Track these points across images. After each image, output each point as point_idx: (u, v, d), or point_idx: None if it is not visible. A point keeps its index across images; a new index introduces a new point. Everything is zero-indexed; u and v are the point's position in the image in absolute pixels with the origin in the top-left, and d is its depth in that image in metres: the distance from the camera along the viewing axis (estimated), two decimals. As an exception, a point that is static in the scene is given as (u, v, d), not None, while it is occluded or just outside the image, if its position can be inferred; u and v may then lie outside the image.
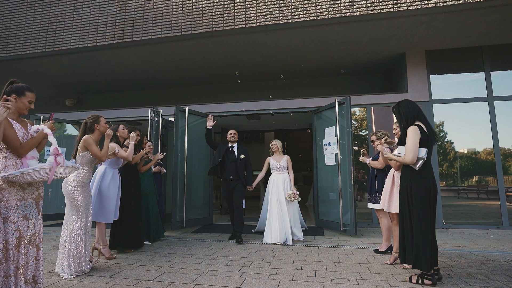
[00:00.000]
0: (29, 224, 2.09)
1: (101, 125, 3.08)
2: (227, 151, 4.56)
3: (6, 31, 6.29)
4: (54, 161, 2.06)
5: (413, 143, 2.55)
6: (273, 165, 4.73)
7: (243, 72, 6.72)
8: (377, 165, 3.67)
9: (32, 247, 2.10)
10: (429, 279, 2.52)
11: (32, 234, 2.10)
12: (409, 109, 2.70)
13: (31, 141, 2.11)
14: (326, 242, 4.33)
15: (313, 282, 2.65)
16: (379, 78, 7.19)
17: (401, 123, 2.74)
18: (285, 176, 4.65)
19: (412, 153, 2.54)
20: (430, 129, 2.66)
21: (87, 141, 2.94)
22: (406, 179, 2.66)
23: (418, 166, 2.58)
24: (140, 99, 8.21)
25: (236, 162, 4.50)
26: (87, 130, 3.06)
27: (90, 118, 3.09)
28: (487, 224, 5.33)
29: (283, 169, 4.69)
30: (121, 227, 3.65)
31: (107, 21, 5.80)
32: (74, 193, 2.88)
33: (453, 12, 4.63)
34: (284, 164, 4.71)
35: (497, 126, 5.46)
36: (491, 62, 5.67)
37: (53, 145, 2.06)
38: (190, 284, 2.59)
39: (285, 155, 4.80)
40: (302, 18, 4.97)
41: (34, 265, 2.12)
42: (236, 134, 4.68)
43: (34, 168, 1.99)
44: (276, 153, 4.81)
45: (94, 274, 2.87)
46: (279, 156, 4.79)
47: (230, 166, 4.47)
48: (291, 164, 4.76)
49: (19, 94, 2.14)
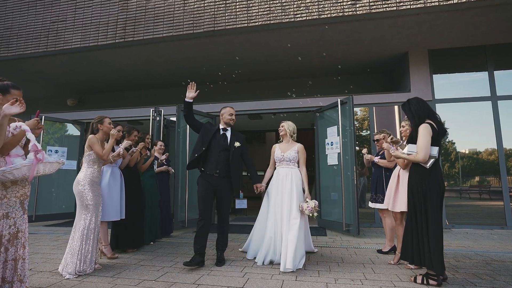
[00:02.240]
0: (10, 222, 2.07)
1: (104, 125, 3.14)
2: (216, 135, 3.31)
3: (7, 30, 6.28)
4: (34, 158, 2.04)
5: (426, 141, 2.52)
6: (277, 155, 3.51)
7: (245, 71, 6.70)
8: (386, 164, 3.64)
9: (12, 246, 2.08)
10: (434, 280, 2.49)
11: (13, 233, 2.09)
12: (420, 107, 2.68)
13: (11, 139, 2.10)
14: (329, 242, 4.30)
15: (316, 282, 2.62)
16: (381, 78, 7.17)
17: (412, 120, 2.70)
18: (294, 172, 3.39)
19: (425, 151, 2.51)
20: (440, 127, 2.63)
21: (90, 140, 3.02)
22: (416, 177, 2.61)
23: (429, 165, 2.55)
24: (141, 98, 8.20)
25: (228, 151, 3.27)
26: (93, 130, 3.15)
27: (95, 119, 3.18)
28: (490, 224, 5.30)
29: (290, 163, 3.44)
30: (121, 227, 3.64)
31: (108, 20, 5.79)
32: (84, 191, 2.92)
33: (456, 11, 4.60)
34: (293, 156, 3.43)
35: (500, 126, 5.43)
36: (495, 61, 5.64)
37: (31, 142, 2.04)
38: (193, 284, 2.57)
39: (297, 143, 3.56)
40: (305, 17, 4.94)
41: (20, 263, 2.11)
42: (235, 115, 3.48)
43: (14, 167, 1.98)
44: (284, 139, 3.61)
45: (96, 274, 2.85)
46: (287, 144, 3.55)
47: (219, 156, 3.22)
48: (304, 156, 3.47)
49: (4, 92, 2.13)
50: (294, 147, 3.49)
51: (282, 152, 3.48)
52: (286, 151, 3.47)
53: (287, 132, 3.55)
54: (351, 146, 4.75)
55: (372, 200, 3.74)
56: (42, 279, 2.69)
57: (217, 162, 3.20)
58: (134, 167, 3.91)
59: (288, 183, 3.31)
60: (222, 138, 3.31)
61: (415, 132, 2.64)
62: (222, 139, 3.31)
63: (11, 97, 2.13)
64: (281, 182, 3.35)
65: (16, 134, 2.12)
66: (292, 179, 3.33)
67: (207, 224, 3.10)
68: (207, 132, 3.31)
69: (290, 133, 3.56)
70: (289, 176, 3.34)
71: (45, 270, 2.96)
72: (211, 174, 3.19)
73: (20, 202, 2.14)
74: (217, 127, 3.38)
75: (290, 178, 3.33)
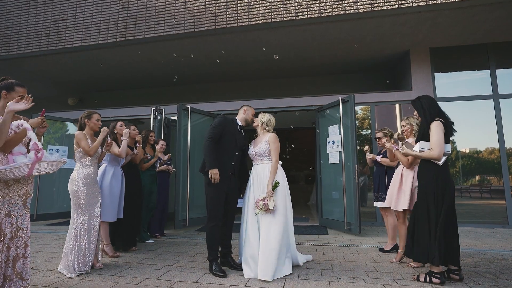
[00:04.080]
0: (12, 221, 2.08)
1: (92, 121, 3.06)
2: (236, 130, 3.05)
3: (8, 29, 6.28)
4: (34, 156, 2.04)
5: (440, 137, 2.51)
6: (249, 151, 3.11)
7: (246, 70, 6.69)
8: (389, 163, 3.63)
9: (13, 245, 2.09)
10: (437, 278, 2.48)
11: (14, 231, 2.09)
12: (432, 104, 2.67)
13: (14, 137, 2.10)
14: (331, 241, 4.30)
15: (319, 281, 2.62)
16: (382, 76, 7.14)
17: (424, 117, 2.66)
18: (269, 167, 2.95)
19: (440, 148, 2.49)
20: (450, 125, 2.62)
21: (77, 136, 2.95)
22: (429, 176, 2.57)
23: (442, 162, 2.53)
24: (142, 97, 8.19)
25: (243, 152, 3.12)
26: (81, 125, 3.07)
27: (84, 114, 3.09)
28: (492, 223, 5.28)
29: (264, 157, 2.99)
30: (122, 226, 3.63)
31: (109, 19, 5.78)
32: (77, 190, 2.87)
33: (458, 9, 4.58)
34: (263, 149, 2.97)
35: (502, 124, 5.41)
36: (497, 59, 5.62)
37: (32, 141, 2.05)
38: (195, 283, 2.56)
39: (269, 133, 3.09)
40: (306, 15, 4.93)
41: (22, 261, 2.12)
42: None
43: (15, 165, 1.98)
44: (258, 132, 3.17)
45: (98, 272, 2.85)
46: (259, 137, 3.13)
47: (237, 155, 3.01)
48: (275, 145, 2.95)
49: (9, 90, 2.15)
50: (265, 138, 3.03)
51: (253, 147, 3.06)
52: (257, 145, 3.05)
53: (259, 123, 3.12)
54: (353, 145, 4.74)
55: (375, 199, 3.73)
56: (44, 278, 2.68)
57: (235, 162, 3.00)
58: (135, 166, 3.89)
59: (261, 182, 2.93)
60: (240, 137, 3.07)
61: (426, 129, 2.61)
62: (240, 138, 3.07)
63: (16, 94, 2.14)
64: (260, 180, 2.95)
65: (18, 132, 2.12)
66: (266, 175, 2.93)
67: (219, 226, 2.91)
68: (227, 125, 2.98)
69: (262, 125, 3.10)
70: (267, 174, 2.92)
71: (47, 269, 2.95)
72: (227, 175, 2.93)
73: (23, 201, 2.14)
74: (235, 121, 3.10)
75: (267, 177, 2.91)
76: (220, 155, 2.90)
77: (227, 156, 2.95)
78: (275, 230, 2.76)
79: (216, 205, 2.89)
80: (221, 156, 2.91)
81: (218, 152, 2.91)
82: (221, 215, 2.92)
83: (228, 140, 2.97)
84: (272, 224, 2.77)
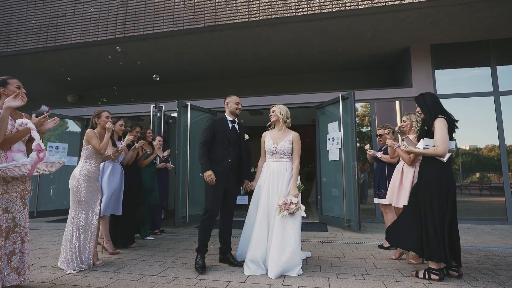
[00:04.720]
0: (9, 217, 2.09)
1: (101, 119, 3.13)
2: (226, 128, 3.02)
3: (7, 26, 6.25)
4: (36, 157, 2.04)
5: (444, 134, 2.50)
6: (268, 146, 2.95)
7: (246, 66, 6.66)
8: (389, 159, 3.62)
9: (10, 240, 2.10)
10: (436, 274, 2.49)
11: (12, 227, 2.10)
12: (435, 101, 2.65)
13: (15, 135, 2.10)
14: (330, 237, 4.30)
15: (318, 277, 2.62)
16: (382, 73, 7.12)
17: (428, 113, 2.64)
18: (289, 167, 2.88)
19: (445, 144, 2.49)
20: (453, 122, 2.61)
21: (88, 134, 3.01)
22: (433, 173, 2.56)
23: (446, 159, 2.53)
24: (142, 94, 8.15)
25: (240, 146, 3.06)
26: (92, 125, 3.15)
27: (94, 113, 3.18)
28: (491, 219, 5.30)
29: (284, 156, 2.89)
30: (121, 223, 3.64)
31: (108, 15, 5.75)
32: (78, 186, 2.88)
33: (459, 5, 4.56)
34: (287, 148, 2.88)
35: (502, 121, 5.40)
36: (497, 56, 5.60)
37: (35, 141, 2.05)
38: (195, 279, 2.57)
39: (292, 131, 2.97)
40: (306, 11, 4.90)
41: (19, 257, 2.14)
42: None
43: (15, 164, 1.99)
44: (276, 126, 3.01)
45: (98, 269, 2.86)
46: (280, 132, 2.96)
47: (233, 151, 2.99)
48: (299, 146, 2.90)
49: (4, 85, 2.16)
50: (288, 136, 2.91)
51: (274, 143, 2.91)
52: (279, 142, 2.90)
53: (279, 117, 2.93)
54: (352, 142, 4.73)
55: (375, 195, 3.74)
56: (44, 274, 2.69)
57: (232, 158, 2.97)
58: (135, 163, 3.89)
59: (285, 182, 2.81)
60: (233, 132, 3.03)
61: (430, 126, 2.61)
62: (233, 133, 3.02)
63: (11, 87, 2.15)
64: (275, 180, 2.84)
65: (20, 130, 2.13)
66: (289, 177, 2.85)
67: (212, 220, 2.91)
68: (217, 125, 2.99)
69: (283, 118, 2.93)
70: (285, 173, 2.84)
71: (47, 265, 2.96)
72: (225, 171, 2.92)
73: (21, 197, 2.15)
74: (224, 119, 3.07)
75: (288, 176, 2.84)
76: (216, 155, 2.96)
77: (223, 155, 2.97)
78: (294, 231, 2.70)
79: (213, 198, 2.88)
80: (217, 156, 2.95)
81: (214, 152, 2.96)
82: (216, 209, 2.90)
83: (221, 139, 2.98)
84: (289, 225, 2.70)
